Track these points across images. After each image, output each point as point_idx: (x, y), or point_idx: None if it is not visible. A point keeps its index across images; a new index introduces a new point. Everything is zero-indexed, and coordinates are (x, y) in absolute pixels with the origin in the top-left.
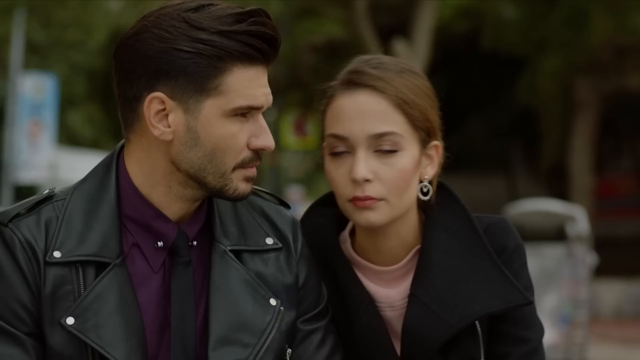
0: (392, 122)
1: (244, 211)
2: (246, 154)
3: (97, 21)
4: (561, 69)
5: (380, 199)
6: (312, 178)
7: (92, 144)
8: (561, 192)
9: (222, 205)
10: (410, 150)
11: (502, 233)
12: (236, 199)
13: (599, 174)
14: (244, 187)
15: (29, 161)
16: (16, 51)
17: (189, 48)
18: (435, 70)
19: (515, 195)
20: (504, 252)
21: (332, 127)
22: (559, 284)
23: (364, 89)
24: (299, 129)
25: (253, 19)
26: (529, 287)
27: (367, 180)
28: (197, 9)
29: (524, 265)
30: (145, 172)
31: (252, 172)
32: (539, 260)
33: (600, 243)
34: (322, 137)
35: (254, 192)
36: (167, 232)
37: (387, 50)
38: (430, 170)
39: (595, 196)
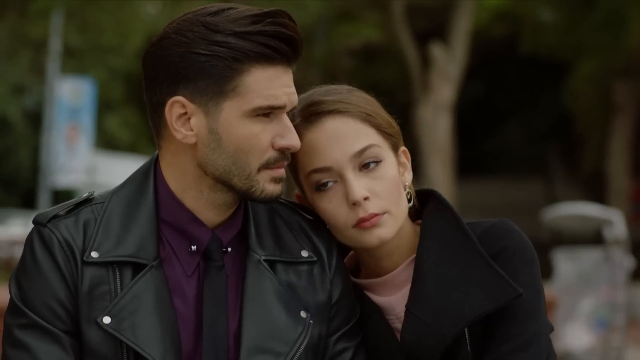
0: (366, 135)
1: (281, 223)
2: (271, 154)
3: (134, 25)
4: (599, 73)
5: (383, 213)
6: None
7: (130, 148)
8: (599, 195)
9: (258, 215)
10: (389, 158)
11: (501, 234)
12: (265, 201)
13: (637, 178)
14: (271, 188)
15: (66, 165)
16: (53, 55)
17: (205, 51)
18: (473, 74)
19: (553, 199)
20: (504, 252)
21: (312, 163)
22: (596, 288)
23: (327, 115)
24: None
25: (270, 19)
26: (529, 285)
27: (366, 199)
28: (216, 12)
29: (527, 262)
30: (176, 178)
31: (279, 172)
32: (576, 264)
33: (638, 246)
34: (298, 184)
35: (291, 207)
36: (201, 236)
37: (425, 55)
38: (408, 175)
39: (633, 200)
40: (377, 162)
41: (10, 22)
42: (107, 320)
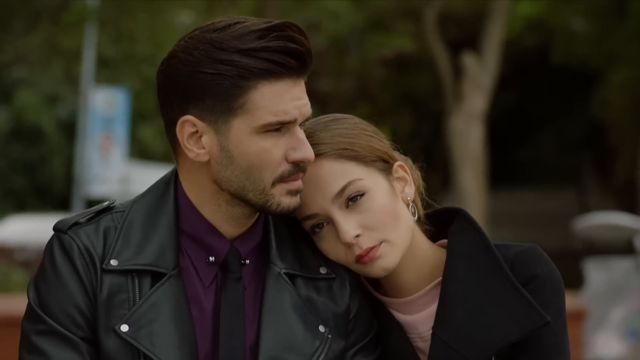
0: (343, 173)
1: (301, 239)
2: (285, 167)
3: (167, 35)
4: (631, 82)
5: (380, 243)
6: None
7: (164, 158)
8: (632, 205)
9: (279, 229)
10: (376, 185)
11: (532, 261)
12: (282, 214)
13: None
14: (287, 202)
15: (100, 175)
16: (87, 65)
17: (211, 70)
18: (505, 84)
19: (585, 209)
20: (534, 280)
21: (300, 213)
22: (627, 297)
23: None
24: None
25: (275, 33)
26: (557, 316)
27: (358, 236)
28: (222, 29)
29: (556, 293)
30: (194, 192)
31: (295, 185)
32: (607, 274)
33: None
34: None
35: None
36: (220, 247)
37: (457, 64)
38: (409, 189)
39: None
40: (362, 194)
41: (44, 32)
42: (125, 328)
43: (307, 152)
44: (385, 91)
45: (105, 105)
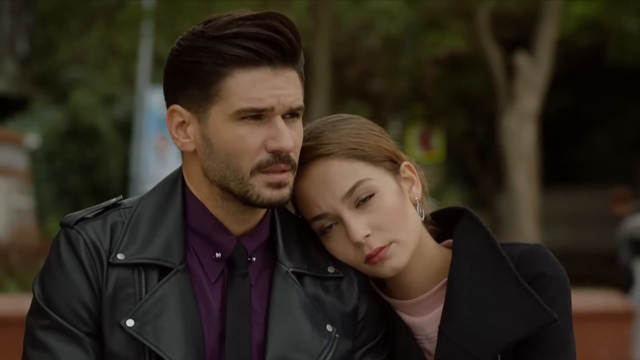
0: (352, 173)
1: (308, 237)
2: (263, 156)
3: None
4: None
5: (390, 243)
6: (443, 191)
7: None
8: None
9: (286, 228)
10: (385, 185)
11: (538, 259)
12: (262, 206)
13: None
14: (268, 194)
15: (156, 175)
16: (143, 65)
17: (191, 57)
18: (559, 83)
19: None
20: (540, 278)
21: (309, 213)
22: None
23: (311, 162)
24: (424, 142)
25: (252, 22)
26: (563, 314)
27: (367, 236)
28: (211, 20)
29: (562, 291)
30: (195, 188)
31: (276, 178)
32: None
33: None
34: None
35: None
36: (226, 243)
37: (510, 64)
38: (416, 190)
39: None
40: (371, 194)
41: (100, 32)
42: (130, 323)
43: (284, 141)
44: (439, 91)
45: (162, 106)
